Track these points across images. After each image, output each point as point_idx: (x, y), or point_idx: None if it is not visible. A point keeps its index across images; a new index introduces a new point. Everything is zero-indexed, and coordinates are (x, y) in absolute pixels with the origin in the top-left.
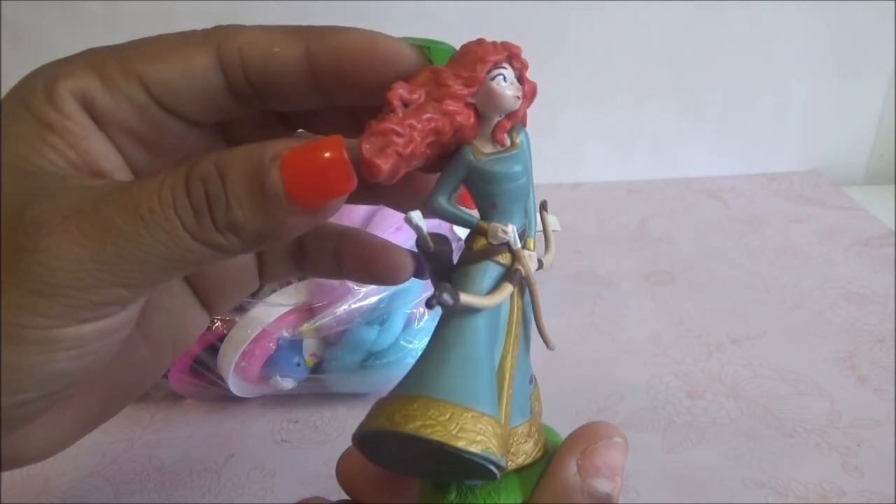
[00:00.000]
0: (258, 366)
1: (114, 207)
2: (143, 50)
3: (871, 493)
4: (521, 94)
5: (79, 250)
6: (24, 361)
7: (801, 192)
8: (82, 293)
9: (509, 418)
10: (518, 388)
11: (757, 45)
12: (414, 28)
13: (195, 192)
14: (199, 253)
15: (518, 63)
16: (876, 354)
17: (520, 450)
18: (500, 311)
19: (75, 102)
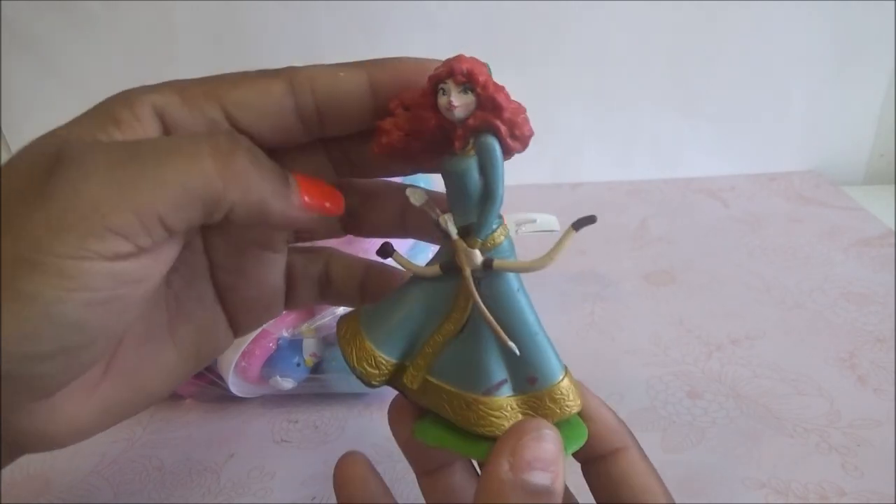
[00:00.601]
0: (258, 366)
1: (144, 142)
2: (224, 78)
3: (871, 493)
4: (460, 106)
5: (101, 172)
6: (39, 293)
7: (801, 192)
8: (95, 215)
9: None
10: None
11: (757, 45)
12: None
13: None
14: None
15: (461, 77)
16: (876, 354)
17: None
18: (439, 289)
19: (151, 110)
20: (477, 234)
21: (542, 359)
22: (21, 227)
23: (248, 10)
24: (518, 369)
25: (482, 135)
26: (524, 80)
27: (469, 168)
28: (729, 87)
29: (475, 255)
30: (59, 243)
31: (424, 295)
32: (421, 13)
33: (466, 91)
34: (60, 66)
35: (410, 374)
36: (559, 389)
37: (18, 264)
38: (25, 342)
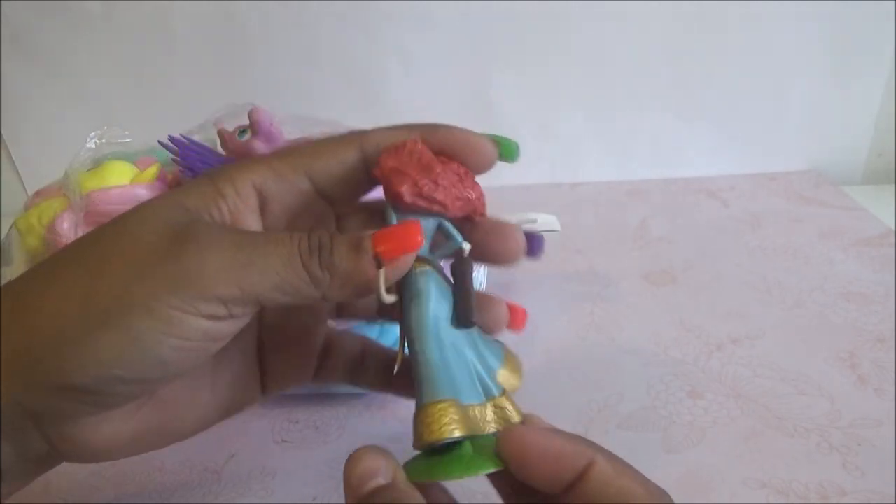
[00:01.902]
0: None
1: (255, 234)
2: (307, 150)
3: (871, 493)
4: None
5: (223, 250)
6: (143, 335)
7: (800, 192)
8: (212, 285)
9: None
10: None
11: (756, 45)
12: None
13: (313, 240)
14: (300, 279)
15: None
16: (876, 354)
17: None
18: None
19: (251, 186)
20: None
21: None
22: (147, 277)
23: (247, 10)
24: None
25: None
26: (524, 81)
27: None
28: (728, 87)
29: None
30: (174, 297)
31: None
32: (421, 13)
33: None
34: (60, 67)
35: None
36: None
37: (137, 307)
38: (116, 367)
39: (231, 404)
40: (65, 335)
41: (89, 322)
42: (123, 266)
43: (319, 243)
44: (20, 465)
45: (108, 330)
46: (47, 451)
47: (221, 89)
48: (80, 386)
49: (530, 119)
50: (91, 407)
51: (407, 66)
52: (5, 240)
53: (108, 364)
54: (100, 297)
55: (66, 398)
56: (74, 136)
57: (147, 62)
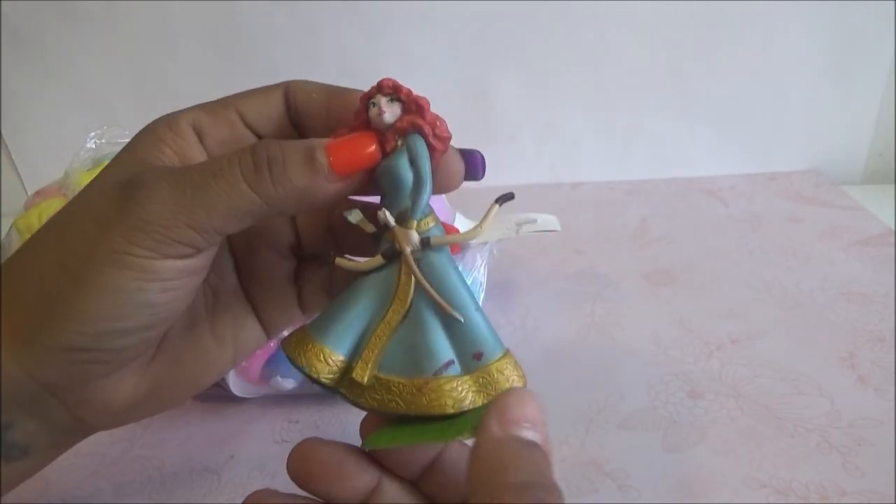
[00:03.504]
0: (259, 366)
1: (194, 168)
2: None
3: (871, 493)
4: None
5: (166, 196)
6: (124, 285)
7: (800, 192)
8: (167, 231)
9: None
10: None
11: (756, 45)
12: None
13: (258, 154)
14: (253, 203)
15: (388, 89)
16: (876, 354)
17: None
18: (381, 281)
19: (187, 126)
20: (412, 215)
21: (484, 334)
22: (107, 231)
23: (247, 10)
24: (463, 347)
25: (409, 134)
26: (524, 80)
27: (401, 162)
28: (729, 87)
29: (412, 235)
30: (138, 248)
31: (367, 290)
32: (420, 13)
33: (393, 101)
34: (60, 67)
35: (359, 367)
36: (506, 363)
37: (105, 262)
38: (108, 320)
39: (238, 346)
40: (51, 299)
41: (68, 283)
42: (86, 221)
43: (268, 157)
44: (48, 438)
45: (88, 288)
46: (70, 422)
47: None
48: (80, 345)
49: (530, 119)
50: (99, 366)
51: (407, 66)
52: (5, 240)
53: (99, 319)
54: (70, 256)
55: (73, 361)
56: (74, 136)
57: (147, 62)
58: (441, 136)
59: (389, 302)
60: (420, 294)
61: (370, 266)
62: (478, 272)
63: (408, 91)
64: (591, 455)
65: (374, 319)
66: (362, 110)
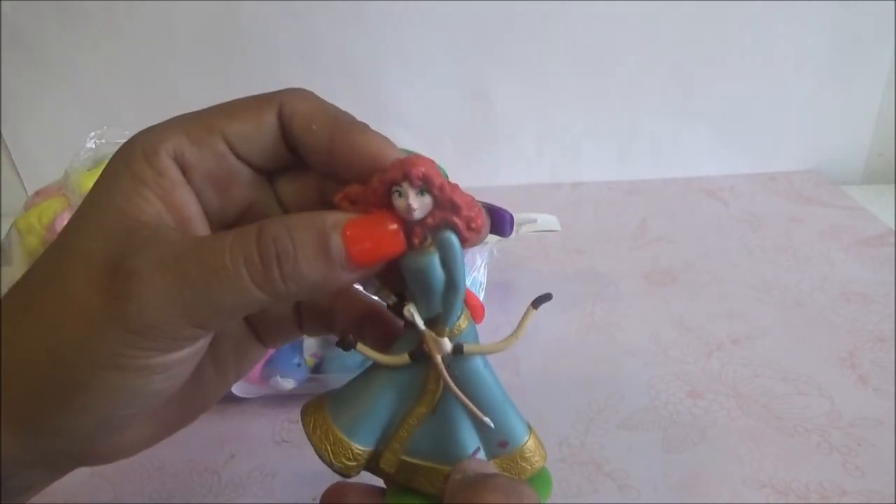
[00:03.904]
0: (259, 366)
1: (191, 261)
2: (223, 111)
3: (871, 493)
4: (418, 208)
5: (163, 298)
6: (126, 383)
7: (800, 192)
8: (168, 331)
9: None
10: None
11: (756, 44)
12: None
13: (265, 248)
14: (261, 301)
15: (417, 181)
16: (876, 354)
17: None
18: (407, 375)
19: (169, 159)
20: (445, 323)
21: (510, 424)
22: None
23: (247, 10)
24: (489, 437)
25: (441, 231)
26: (524, 80)
27: (432, 264)
28: (729, 87)
29: (444, 344)
30: (137, 351)
31: (392, 382)
32: (420, 13)
33: (423, 193)
34: (60, 67)
35: (387, 458)
36: (528, 448)
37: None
38: (118, 410)
39: (239, 369)
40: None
41: (64, 382)
42: (75, 316)
43: (277, 252)
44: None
45: (87, 387)
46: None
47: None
48: (83, 429)
49: (530, 119)
50: (103, 434)
51: (407, 66)
52: (5, 240)
53: (101, 411)
54: (62, 357)
55: (75, 438)
56: (74, 136)
57: (147, 62)
58: (476, 228)
59: (416, 397)
60: (448, 395)
61: (394, 363)
62: (478, 272)
63: (441, 185)
64: (591, 455)
65: (398, 410)
66: (380, 192)
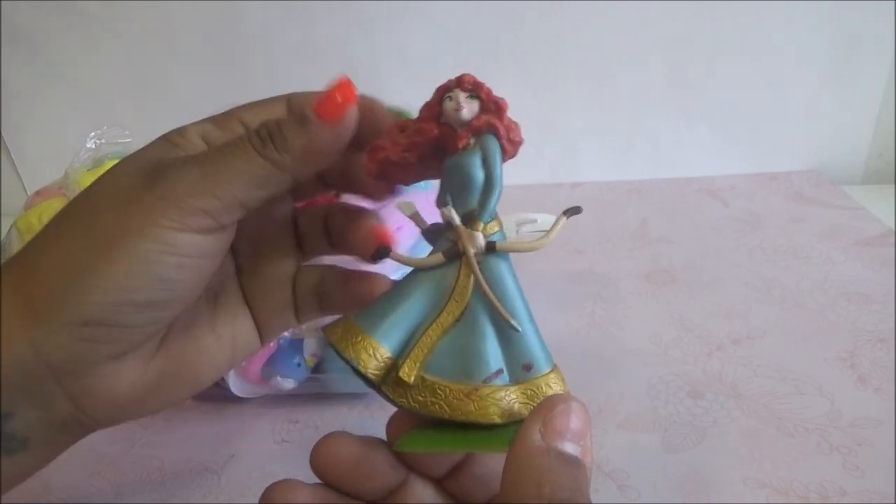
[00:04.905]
0: (259, 366)
1: (213, 151)
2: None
3: (871, 493)
4: (466, 108)
5: (190, 170)
6: (145, 254)
7: (800, 192)
8: (192, 199)
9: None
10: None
11: (756, 44)
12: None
13: (261, 132)
14: (266, 168)
15: (469, 85)
16: (876, 354)
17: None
18: (437, 281)
19: (197, 135)
20: (480, 217)
21: (535, 346)
22: (135, 208)
23: (247, 10)
24: (514, 357)
25: (484, 134)
26: (524, 80)
27: (474, 161)
28: (729, 86)
29: (478, 238)
30: (163, 218)
31: (422, 288)
32: (420, 13)
33: (472, 98)
34: (60, 67)
35: (407, 366)
36: (554, 377)
37: (131, 232)
38: (128, 293)
39: (236, 348)
40: (74, 268)
41: (95, 252)
42: (111, 204)
43: (269, 131)
44: (46, 432)
45: (112, 256)
46: (71, 414)
47: (221, 89)
48: (94, 317)
49: (530, 119)
50: (108, 346)
51: (407, 66)
52: (5, 240)
53: (118, 290)
54: (99, 230)
55: (84, 337)
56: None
57: (147, 62)
58: (514, 140)
59: (445, 302)
60: (477, 298)
61: (428, 263)
62: None
63: (488, 90)
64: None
65: (426, 318)
66: (435, 102)
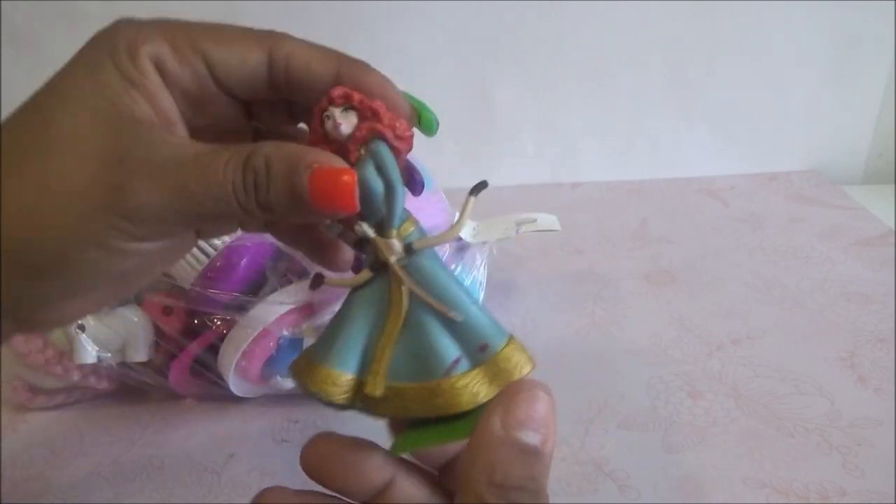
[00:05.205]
0: (259, 365)
1: (190, 174)
2: (209, 33)
3: (871, 493)
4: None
5: (158, 199)
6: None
7: (800, 192)
8: (154, 225)
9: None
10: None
11: (756, 44)
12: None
13: (248, 179)
14: (240, 216)
15: (340, 100)
16: (876, 354)
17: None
18: (374, 294)
19: (151, 64)
20: (391, 224)
21: (484, 325)
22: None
23: (247, 10)
24: (467, 342)
25: (371, 142)
26: (524, 80)
27: (369, 172)
28: (729, 87)
29: (394, 244)
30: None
31: (362, 307)
32: (420, 13)
33: (347, 111)
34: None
35: (370, 382)
36: (511, 350)
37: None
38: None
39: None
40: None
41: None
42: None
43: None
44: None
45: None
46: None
47: None
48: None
49: (530, 119)
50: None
51: (407, 65)
52: None
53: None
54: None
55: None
56: None
57: None
58: (403, 136)
59: (386, 313)
60: (414, 300)
61: (360, 281)
62: (478, 272)
63: (360, 98)
64: (591, 455)
65: (373, 332)
66: (317, 124)
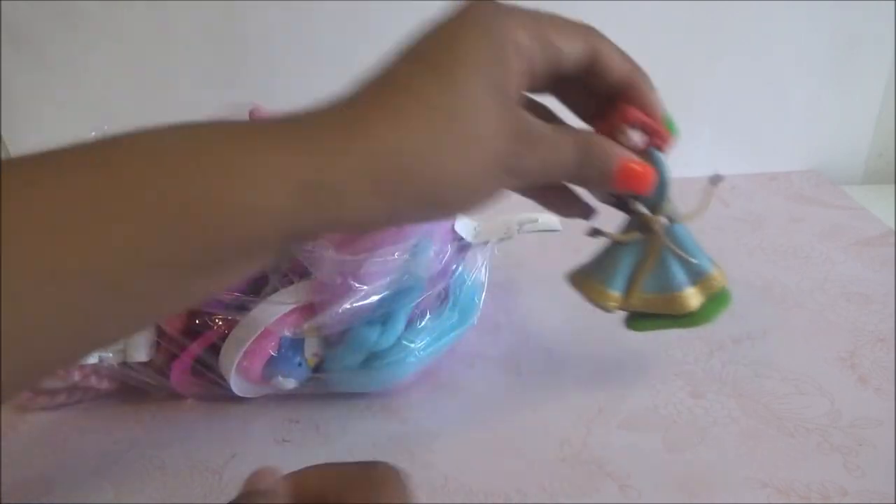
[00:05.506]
0: (260, 365)
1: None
2: (549, 23)
3: (872, 493)
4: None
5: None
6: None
7: (801, 192)
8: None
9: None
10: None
11: (756, 44)
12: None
13: (583, 158)
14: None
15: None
16: (876, 354)
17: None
18: (640, 244)
19: (525, 59)
20: (659, 205)
21: (704, 263)
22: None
23: (246, 10)
24: (693, 274)
25: (651, 150)
26: None
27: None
28: (729, 86)
29: (661, 219)
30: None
31: (628, 251)
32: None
33: (635, 128)
34: (60, 67)
35: (634, 297)
36: (714, 275)
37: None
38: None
39: None
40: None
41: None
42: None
43: (587, 161)
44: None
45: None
46: None
47: (221, 89)
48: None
49: None
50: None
51: None
52: None
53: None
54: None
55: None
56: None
57: (147, 62)
58: (669, 146)
59: (644, 258)
60: (664, 250)
61: (630, 237)
62: (479, 271)
63: (649, 125)
64: (592, 455)
65: (634, 268)
66: (611, 126)
